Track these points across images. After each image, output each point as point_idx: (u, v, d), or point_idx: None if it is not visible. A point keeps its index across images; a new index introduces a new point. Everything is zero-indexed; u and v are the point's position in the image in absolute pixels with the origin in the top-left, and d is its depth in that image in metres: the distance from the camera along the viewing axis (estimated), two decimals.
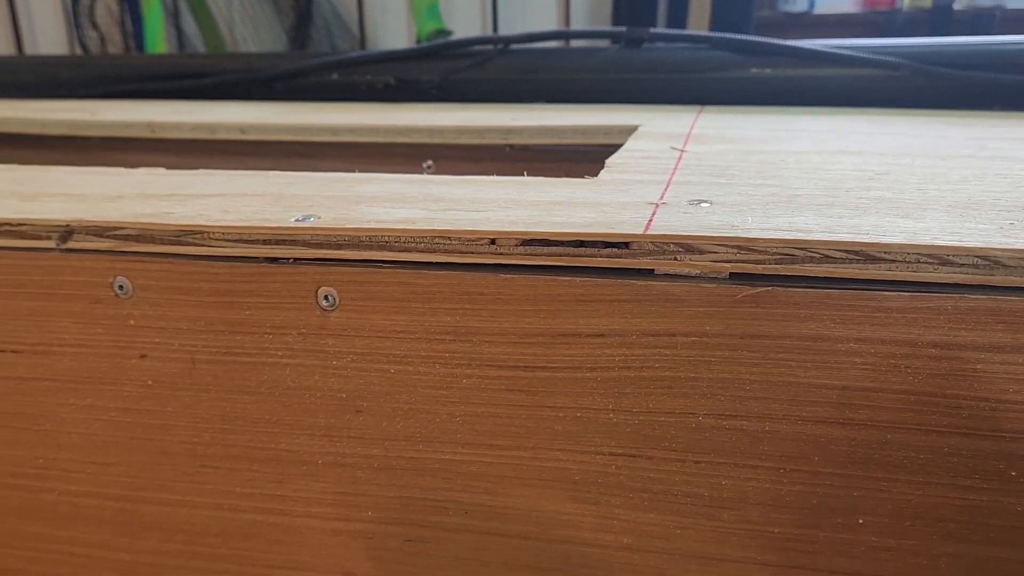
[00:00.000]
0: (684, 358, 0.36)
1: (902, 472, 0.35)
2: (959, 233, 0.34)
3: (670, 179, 0.45)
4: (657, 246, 0.35)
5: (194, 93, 0.92)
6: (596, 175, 0.47)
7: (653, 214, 0.38)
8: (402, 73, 0.87)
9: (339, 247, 0.38)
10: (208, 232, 0.39)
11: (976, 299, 0.33)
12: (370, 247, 0.38)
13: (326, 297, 0.39)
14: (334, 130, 0.72)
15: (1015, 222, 0.36)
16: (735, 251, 0.35)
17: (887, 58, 0.73)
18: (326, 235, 0.38)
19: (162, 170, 0.51)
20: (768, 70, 0.77)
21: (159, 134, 0.74)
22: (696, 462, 0.38)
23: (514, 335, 0.38)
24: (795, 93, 0.77)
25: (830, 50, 0.76)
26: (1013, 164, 0.48)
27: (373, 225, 0.38)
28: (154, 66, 0.97)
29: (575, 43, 1.21)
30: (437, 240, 0.37)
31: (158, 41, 1.81)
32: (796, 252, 0.34)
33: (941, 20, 1.61)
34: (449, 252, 0.37)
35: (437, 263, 0.38)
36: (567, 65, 0.84)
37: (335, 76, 0.89)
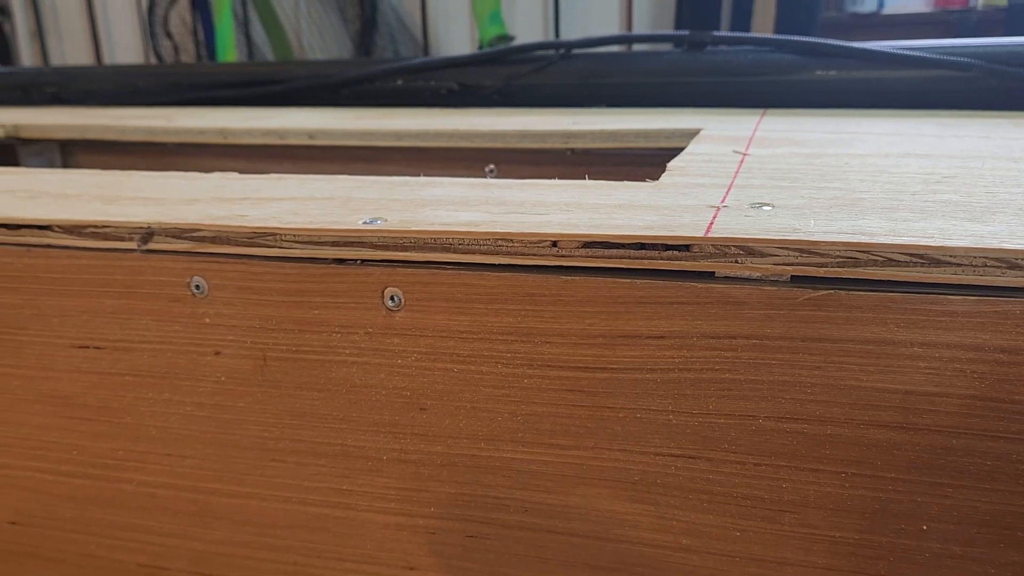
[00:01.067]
0: (744, 361, 0.36)
1: (968, 478, 0.35)
2: None
3: (732, 182, 0.45)
4: (718, 249, 0.36)
5: (264, 100, 0.95)
6: (657, 179, 0.47)
7: (714, 217, 0.38)
8: (465, 79, 0.89)
9: (405, 249, 0.39)
10: (280, 234, 0.41)
11: None
12: (434, 249, 0.39)
13: (392, 297, 0.40)
14: (398, 135, 0.74)
15: None
16: (796, 254, 0.35)
17: (957, 59, 0.72)
18: (392, 237, 0.39)
19: (235, 174, 0.53)
20: (833, 72, 0.76)
21: (231, 140, 0.77)
22: (756, 464, 0.38)
23: (575, 336, 0.38)
24: (861, 95, 0.76)
25: (896, 51, 0.74)
26: None
27: (437, 228, 0.39)
28: (226, 74, 1.00)
29: (637, 47, 1.21)
30: (500, 242, 0.38)
31: (229, 49, 1.87)
32: (859, 255, 0.34)
33: (1017, 19, 1.56)
34: (511, 254, 0.38)
35: (499, 265, 0.39)
36: (629, 69, 0.84)
37: (399, 82, 0.91)
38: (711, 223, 0.37)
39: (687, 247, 0.36)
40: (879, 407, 0.35)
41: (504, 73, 0.87)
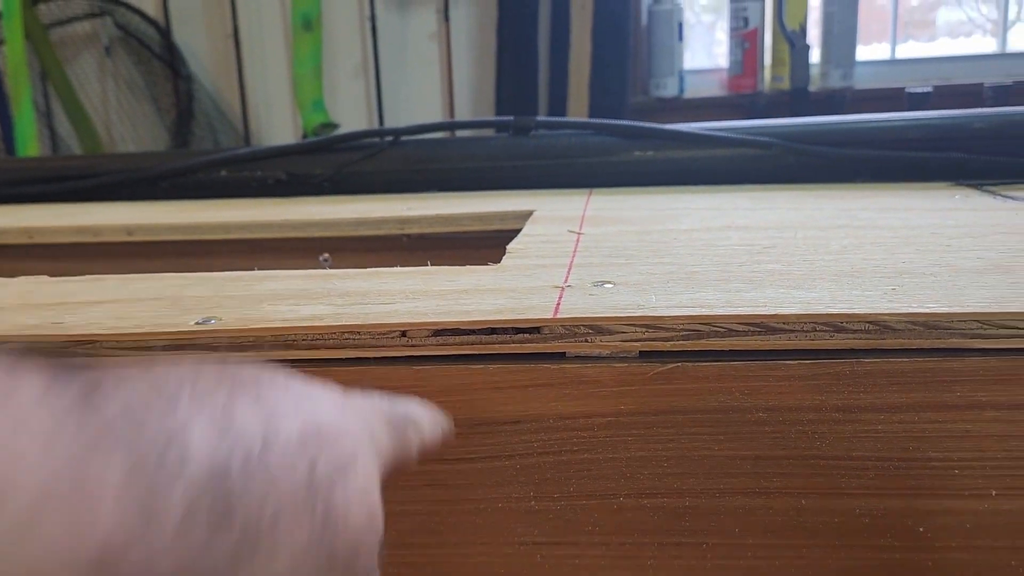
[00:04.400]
0: (601, 439, 0.37)
1: (819, 537, 0.36)
2: (849, 301, 0.36)
3: (571, 262, 0.46)
4: (568, 329, 0.36)
5: (73, 196, 0.89)
6: (498, 261, 0.47)
7: (560, 297, 0.39)
8: (293, 168, 0.87)
9: (243, 349, 0.37)
10: (101, 341, 0.37)
11: (871, 363, 0.35)
12: (276, 347, 0.37)
13: None
14: (226, 227, 0.71)
15: (896, 288, 0.38)
16: (643, 329, 0.35)
17: (759, 138, 0.78)
18: (229, 338, 0.37)
19: (44, 277, 0.49)
20: (650, 152, 0.81)
21: (37, 239, 0.71)
22: (621, 544, 0.37)
23: None
24: (677, 173, 0.81)
25: (704, 132, 0.80)
26: (884, 232, 0.52)
27: (278, 324, 0.37)
28: (28, 169, 0.93)
29: (463, 132, 1.24)
30: (346, 335, 0.37)
31: (30, 143, 1.75)
32: (701, 327, 0.35)
33: (799, 101, 1.73)
34: (359, 347, 0.37)
35: (347, 359, 0.37)
36: (458, 154, 0.85)
37: (224, 173, 0.88)
38: (558, 304, 0.38)
39: (537, 329, 0.36)
40: (732, 475, 0.36)
41: (333, 161, 0.86)
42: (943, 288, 0.38)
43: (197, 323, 0.38)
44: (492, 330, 0.36)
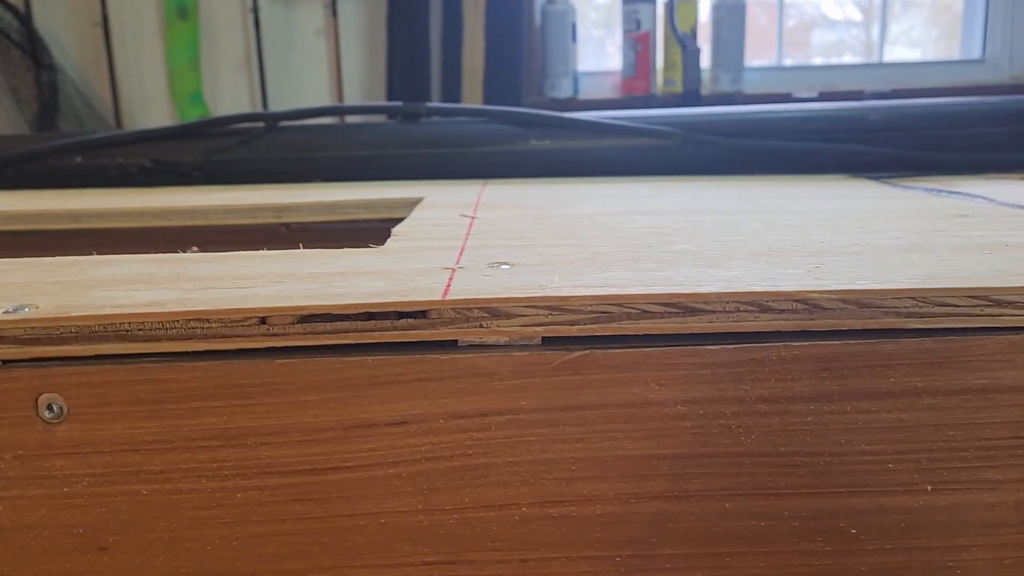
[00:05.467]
0: (500, 441, 0.32)
1: (744, 544, 0.32)
2: (771, 279, 0.33)
3: (464, 244, 0.41)
4: (459, 313, 0.31)
5: None
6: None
7: (451, 279, 0.34)
8: (159, 155, 0.79)
9: (63, 342, 0.30)
10: None
11: (799, 346, 0.31)
12: (105, 339, 0.30)
13: (49, 407, 0.31)
14: (75, 216, 0.62)
15: (820, 265, 0.35)
16: (546, 312, 0.31)
17: (659, 127, 0.75)
18: (45, 328, 0.30)
19: None
20: (547, 141, 0.77)
21: None
22: (523, 560, 0.32)
23: (298, 432, 0.31)
24: (574, 164, 0.77)
25: (603, 120, 0.77)
26: (794, 216, 0.49)
27: (108, 312, 0.30)
28: None
29: (350, 119, 1.17)
30: (193, 324, 0.31)
31: None
32: (612, 309, 0.31)
33: (691, 103, 1.74)
34: (209, 338, 0.31)
35: (195, 353, 0.31)
36: (343, 141, 0.79)
37: (79, 160, 0.79)
38: (448, 285, 0.33)
39: (424, 313, 0.31)
40: (648, 477, 0.32)
41: (205, 147, 0.78)
42: (869, 266, 0.34)
43: (6, 312, 0.31)
44: (370, 315, 0.31)
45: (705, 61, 1.75)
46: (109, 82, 1.81)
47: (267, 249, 0.67)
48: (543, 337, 0.31)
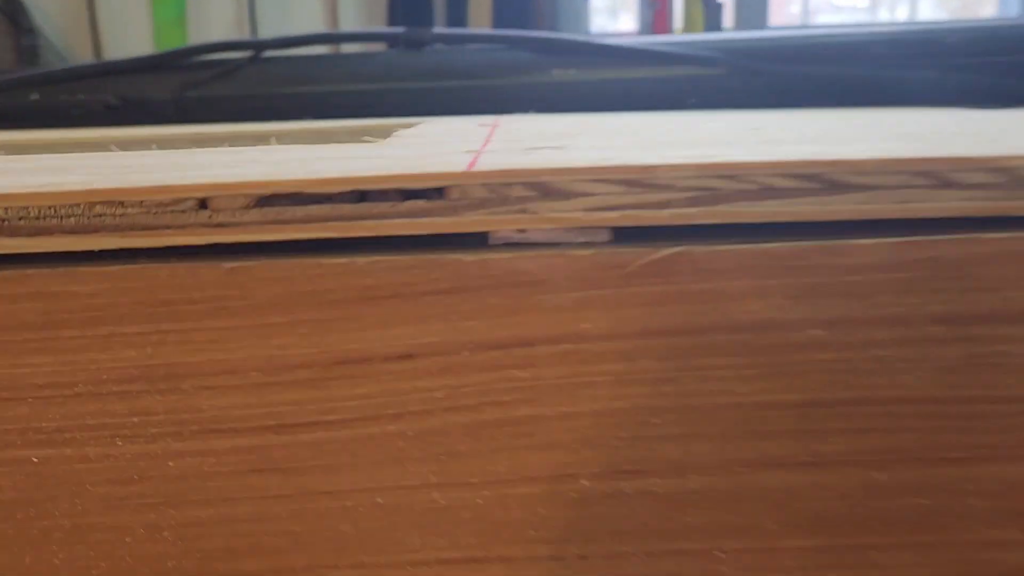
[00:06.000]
0: (550, 382, 0.22)
1: (900, 530, 0.22)
2: (947, 148, 0.22)
3: (488, 139, 0.31)
4: (493, 190, 0.21)
5: None
6: None
7: (478, 156, 0.24)
8: (126, 90, 0.69)
9: None
10: None
11: (996, 239, 0.21)
12: None
13: None
14: (20, 146, 0.52)
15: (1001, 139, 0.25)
16: (622, 189, 0.21)
17: (710, 53, 0.65)
18: None
19: None
20: (572, 71, 0.67)
21: None
22: (582, 556, 0.23)
23: (255, 372, 0.22)
24: (605, 98, 0.67)
25: (641, 46, 0.66)
26: (914, 126, 0.39)
27: None
28: None
29: (346, 48, 1.06)
30: (101, 211, 0.21)
31: None
32: (720, 184, 0.21)
33: None
34: (125, 230, 0.21)
35: (105, 253, 0.21)
36: (337, 74, 0.69)
37: (35, 96, 0.69)
38: (474, 161, 0.23)
39: (440, 192, 0.21)
40: (766, 435, 0.22)
41: (178, 81, 0.68)
42: None
43: None
44: (362, 195, 0.21)
45: (728, 20, 1.65)
46: (92, 46, 1.70)
47: None
48: (615, 228, 0.21)
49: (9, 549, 0.23)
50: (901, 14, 1.86)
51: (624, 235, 0.21)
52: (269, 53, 0.69)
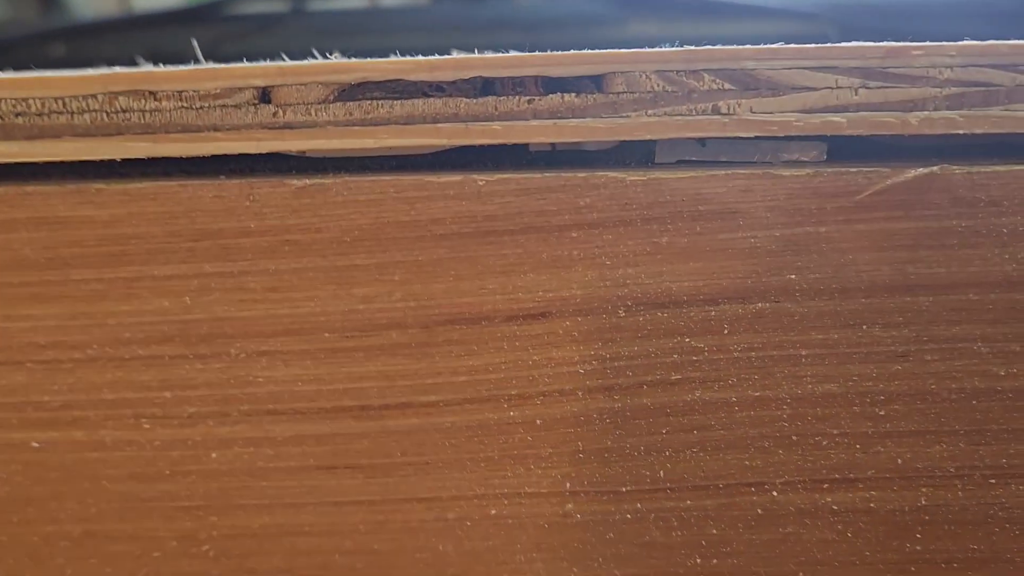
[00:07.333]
0: (738, 356, 0.16)
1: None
2: None
3: None
4: (672, 81, 0.15)
5: None
6: None
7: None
8: (155, 45, 0.64)
9: None
10: None
11: None
12: None
13: None
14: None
15: None
16: (856, 82, 0.15)
17: (804, 9, 0.58)
18: None
19: None
20: (653, 26, 0.60)
21: None
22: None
23: (330, 332, 0.16)
24: None
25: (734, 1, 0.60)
26: None
27: None
28: None
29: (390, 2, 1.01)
30: (124, 103, 0.15)
31: None
32: (997, 76, 0.15)
33: None
34: (156, 132, 0.15)
35: (131, 164, 0.15)
36: (384, 27, 0.63)
37: (60, 53, 0.64)
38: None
39: (596, 80, 0.15)
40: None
41: (211, 37, 0.63)
42: None
43: None
44: (486, 85, 0.15)
45: None
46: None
47: None
48: (837, 140, 0.15)
49: (2, 561, 0.17)
50: None
51: (848, 149, 0.15)
52: (312, 5, 0.64)
